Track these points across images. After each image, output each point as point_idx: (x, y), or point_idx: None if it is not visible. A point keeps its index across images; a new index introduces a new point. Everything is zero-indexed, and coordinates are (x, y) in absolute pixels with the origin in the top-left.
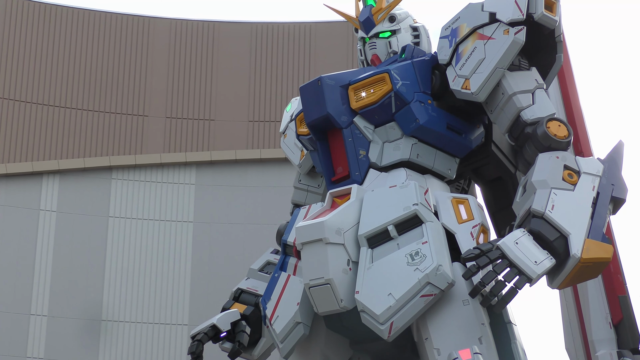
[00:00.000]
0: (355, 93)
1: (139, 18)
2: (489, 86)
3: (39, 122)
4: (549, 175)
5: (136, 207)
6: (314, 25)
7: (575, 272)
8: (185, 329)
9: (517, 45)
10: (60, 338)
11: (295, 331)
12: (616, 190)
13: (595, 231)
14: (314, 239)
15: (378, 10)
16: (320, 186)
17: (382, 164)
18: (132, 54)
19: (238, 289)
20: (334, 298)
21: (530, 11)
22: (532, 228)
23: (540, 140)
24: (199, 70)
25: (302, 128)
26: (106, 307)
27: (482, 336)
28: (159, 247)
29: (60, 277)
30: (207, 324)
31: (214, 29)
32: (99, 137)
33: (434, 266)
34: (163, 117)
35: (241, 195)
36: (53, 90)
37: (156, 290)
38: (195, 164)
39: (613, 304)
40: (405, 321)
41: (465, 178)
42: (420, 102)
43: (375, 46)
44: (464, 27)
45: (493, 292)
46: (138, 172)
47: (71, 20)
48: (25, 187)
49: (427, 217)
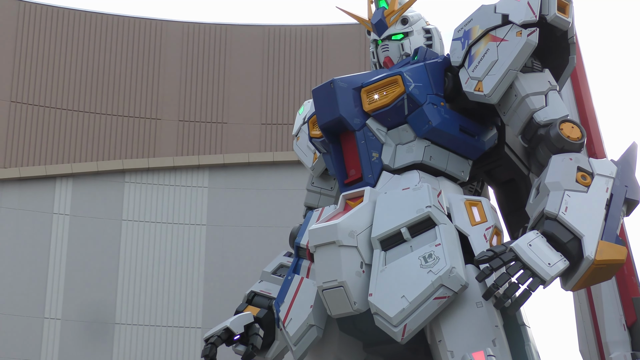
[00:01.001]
0: (368, 95)
1: (151, 22)
2: (501, 88)
3: (52, 126)
4: (563, 177)
5: (149, 211)
6: (326, 28)
7: (589, 274)
8: (199, 331)
9: (530, 47)
10: (74, 341)
11: (308, 334)
12: (630, 191)
13: (609, 233)
14: (327, 242)
15: (390, 13)
16: (333, 189)
17: (395, 167)
18: (144, 57)
19: (251, 292)
20: (348, 301)
21: (543, 13)
22: (546, 230)
23: (554, 142)
24: (212, 73)
25: (314, 131)
26: (119, 310)
27: (496, 338)
28: (171, 250)
29: (73, 281)
30: (221, 326)
31: (226, 32)
32: (111, 141)
33: (447, 268)
34: (176, 121)
35: (254, 198)
36: (66, 94)
37: (169, 293)
38: (208, 167)
39: (627, 305)
40: (418, 323)
41: (478, 180)
42: (433, 105)
43: (388, 48)
44: (476, 29)
45: (507, 294)
46: (151, 176)
47: (83, 24)
48: (38, 190)
49: (440, 219)
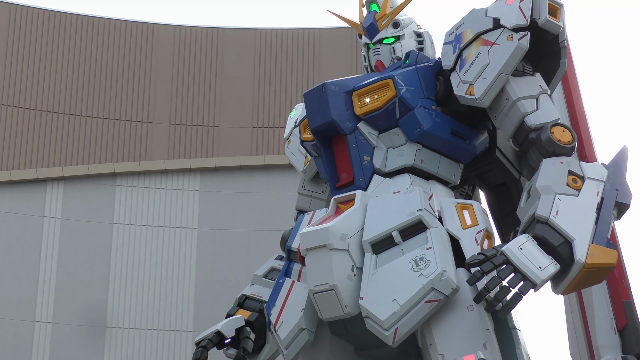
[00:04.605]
0: (359, 99)
1: (143, 25)
2: (493, 92)
3: (43, 129)
4: (553, 180)
5: (140, 214)
6: (318, 32)
7: (580, 277)
8: (190, 335)
9: (521, 50)
10: (65, 345)
11: (299, 337)
12: (620, 195)
13: (600, 236)
14: (319, 245)
15: (382, 16)
16: (324, 192)
17: (387, 170)
18: (136, 60)
19: (242, 295)
20: (339, 304)
21: (534, 17)
22: (537, 233)
23: (545, 146)
24: (204, 76)
25: (306, 134)
26: (110, 313)
27: (487, 342)
28: (163, 253)
29: (64, 284)
30: (212, 330)
31: (218, 35)
32: (103, 144)
33: (439, 272)
34: (167, 124)
35: (245, 201)
36: (57, 97)
37: (160, 296)
38: (200, 171)
39: (618, 309)
40: (409, 327)
41: (469, 184)
42: (424, 108)
43: (379, 52)
44: (467, 33)
45: (497, 298)
46: (142, 179)
47: (75, 27)
48: (29, 194)
49: (431, 222)
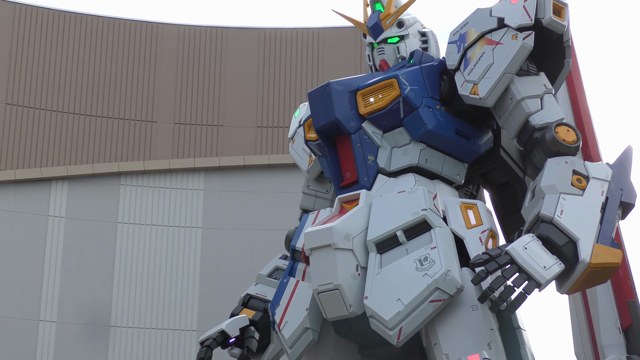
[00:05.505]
0: (363, 98)
1: (147, 24)
2: (497, 91)
3: (48, 128)
4: (558, 180)
5: (145, 213)
6: (322, 31)
7: (585, 277)
8: (194, 334)
9: (525, 50)
10: (69, 344)
11: (304, 337)
12: (625, 195)
13: (604, 236)
14: (323, 245)
15: (386, 16)
16: (328, 192)
17: (391, 169)
18: (140, 60)
19: (247, 295)
20: (343, 303)
21: (539, 16)
22: (541, 233)
23: (549, 145)
24: (207, 76)
25: (310, 134)
26: (115, 313)
27: (491, 341)
28: (167, 253)
29: (69, 283)
30: (216, 329)
31: (222, 35)
32: (107, 144)
33: (443, 271)
34: (171, 123)
35: (249, 200)
36: (61, 96)
37: (165, 296)
38: (204, 170)
39: (622, 309)
40: (414, 326)
41: (473, 183)
42: (428, 108)
43: (384, 51)
44: (472, 32)
45: (502, 298)
46: (146, 178)
47: (79, 27)
48: (34, 193)
49: (435, 222)
